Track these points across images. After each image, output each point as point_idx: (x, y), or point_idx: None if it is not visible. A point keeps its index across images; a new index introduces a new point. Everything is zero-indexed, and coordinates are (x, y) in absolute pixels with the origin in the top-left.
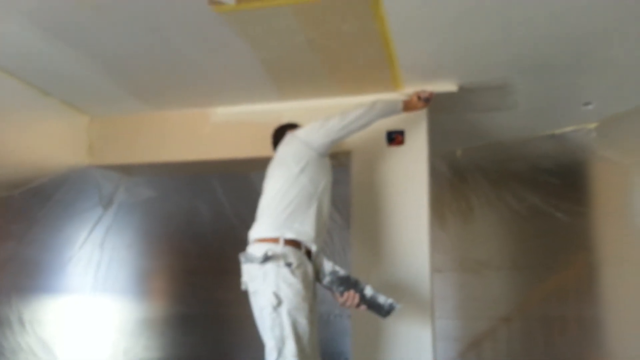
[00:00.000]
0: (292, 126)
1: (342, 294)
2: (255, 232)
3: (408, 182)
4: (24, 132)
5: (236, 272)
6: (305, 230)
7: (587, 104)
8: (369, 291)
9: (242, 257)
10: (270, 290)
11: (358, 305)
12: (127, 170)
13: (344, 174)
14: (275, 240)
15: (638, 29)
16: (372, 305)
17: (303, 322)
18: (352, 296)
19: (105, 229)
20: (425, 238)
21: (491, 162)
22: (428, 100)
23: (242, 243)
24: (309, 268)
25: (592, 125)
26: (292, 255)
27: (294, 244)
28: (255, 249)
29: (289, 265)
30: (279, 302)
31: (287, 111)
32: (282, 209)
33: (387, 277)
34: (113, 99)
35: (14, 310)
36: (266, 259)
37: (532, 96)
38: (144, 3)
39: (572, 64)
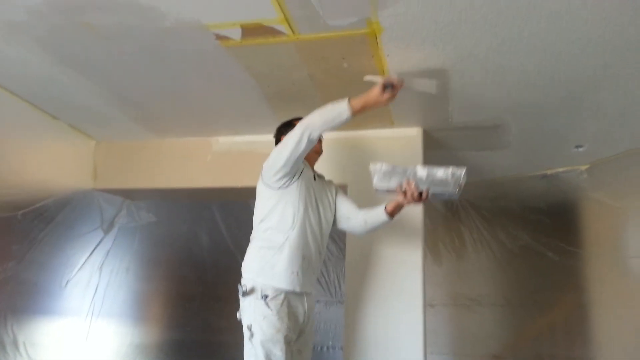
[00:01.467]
0: (287, 125)
1: (395, 190)
2: (243, 265)
3: (403, 216)
4: (30, 154)
5: (232, 300)
6: (276, 274)
7: (578, 146)
8: (421, 171)
9: (239, 288)
10: (246, 323)
11: (420, 195)
12: (129, 194)
13: None
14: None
15: (626, 75)
16: (435, 185)
17: (278, 353)
18: (407, 184)
19: (104, 252)
20: (419, 272)
21: (484, 199)
22: (394, 88)
23: (238, 270)
24: (292, 298)
25: (584, 167)
26: (269, 287)
27: None
28: (242, 282)
29: (264, 297)
30: (251, 335)
31: None
32: (256, 251)
33: (381, 309)
34: (119, 125)
35: (8, 332)
36: (245, 293)
37: (525, 137)
38: (152, 35)
39: (563, 108)
